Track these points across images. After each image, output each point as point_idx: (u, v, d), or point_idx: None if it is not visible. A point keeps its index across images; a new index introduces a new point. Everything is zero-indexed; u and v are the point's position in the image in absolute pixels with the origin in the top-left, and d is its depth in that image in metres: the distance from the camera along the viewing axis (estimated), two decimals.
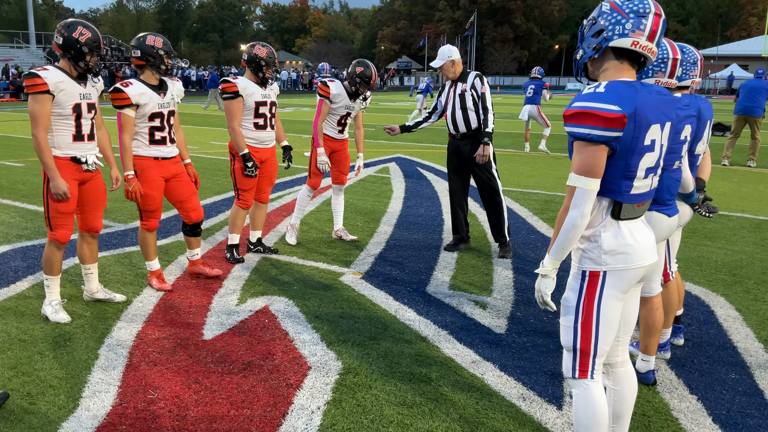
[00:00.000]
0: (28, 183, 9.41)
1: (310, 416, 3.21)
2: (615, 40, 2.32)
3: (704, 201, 3.70)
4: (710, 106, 3.58)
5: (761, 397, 3.46)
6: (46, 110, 4.04)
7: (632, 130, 2.25)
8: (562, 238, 2.33)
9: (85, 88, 4.23)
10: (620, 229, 2.38)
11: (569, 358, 2.48)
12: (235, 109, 5.42)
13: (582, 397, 2.46)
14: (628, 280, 2.40)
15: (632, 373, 2.68)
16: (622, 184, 2.33)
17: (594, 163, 2.26)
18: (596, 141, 2.25)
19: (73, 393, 3.40)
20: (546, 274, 2.40)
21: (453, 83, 6.02)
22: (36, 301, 4.70)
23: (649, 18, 2.28)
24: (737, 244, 6.52)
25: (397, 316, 4.53)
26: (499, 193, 6.03)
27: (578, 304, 2.43)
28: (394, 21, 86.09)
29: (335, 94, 6.12)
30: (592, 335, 2.41)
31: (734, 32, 76.12)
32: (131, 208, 7.79)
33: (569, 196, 2.31)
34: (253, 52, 5.47)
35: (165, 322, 4.37)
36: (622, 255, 2.37)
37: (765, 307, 4.77)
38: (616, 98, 2.23)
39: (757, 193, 9.45)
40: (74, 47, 4.12)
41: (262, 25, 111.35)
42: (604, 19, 2.35)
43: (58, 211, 4.22)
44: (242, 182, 5.60)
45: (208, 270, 5.25)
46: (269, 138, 5.68)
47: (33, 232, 6.60)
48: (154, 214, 4.86)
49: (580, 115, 2.26)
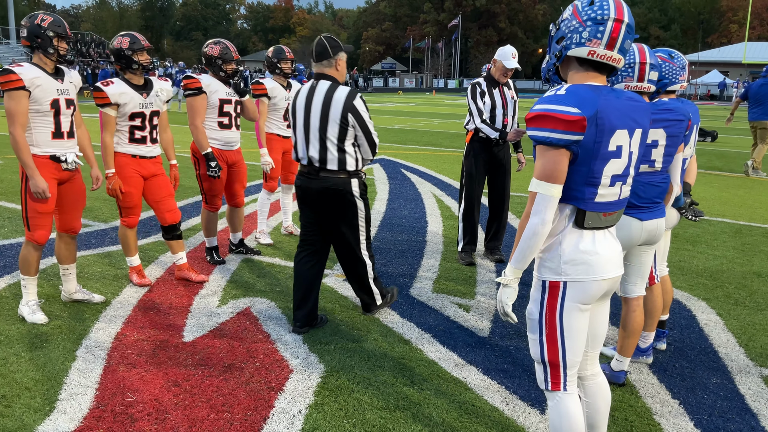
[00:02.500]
0: (6, 180, 9.26)
1: (291, 420, 3.17)
2: (572, 49, 2.27)
3: (691, 205, 3.72)
4: (696, 111, 3.62)
5: (742, 402, 3.48)
6: (22, 107, 3.97)
7: (594, 133, 2.19)
8: (524, 245, 2.26)
9: (62, 83, 4.16)
10: (582, 239, 2.30)
11: (540, 370, 2.44)
12: (198, 106, 5.29)
13: (555, 409, 2.42)
14: (590, 292, 2.32)
15: (604, 384, 2.60)
16: (585, 191, 2.26)
17: (555, 168, 2.21)
18: (556, 144, 2.20)
19: (50, 395, 3.34)
20: (507, 284, 2.32)
21: (500, 87, 5.73)
22: (12, 300, 4.61)
23: (607, 25, 2.21)
24: (718, 248, 6.58)
25: (380, 318, 4.50)
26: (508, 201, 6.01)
27: (541, 317, 2.36)
28: (379, 22, 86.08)
29: (271, 87, 6.04)
30: (558, 347, 2.36)
31: (715, 39, 77.07)
32: (111, 208, 7.69)
33: (530, 201, 2.26)
34: (207, 52, 5.36)
35: (144, 323, 4.31)
36: (583, 266, 2.29)
37: (745, 312, 4.81)
38: (576, 101, 2.18)
39: (738, 198, 9.55)
40: (38, 34, 4.05)
41: (246, 24, 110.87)
42: (565, 26, 2.30)
43: (37, 211, 4.14)
44: (209, 187, 5.48)
45: (193, 276, 5.17)
46: (235, 139, 5.55)
47: (10, 231, 6.49)
48: (133, 211, 4.83)
49: (540, 118, 2.22)
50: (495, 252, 6.02)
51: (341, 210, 4.17)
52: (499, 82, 5.72)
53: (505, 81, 5.75)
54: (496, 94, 5.70)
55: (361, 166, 4.21)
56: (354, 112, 4.02)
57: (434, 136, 17.48)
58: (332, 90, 4.03)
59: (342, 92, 4.02)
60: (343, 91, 4.02)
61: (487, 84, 5.72)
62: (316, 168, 4.13)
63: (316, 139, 4.08)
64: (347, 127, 4.04)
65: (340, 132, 4.04)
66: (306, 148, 4.14)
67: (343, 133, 4.05)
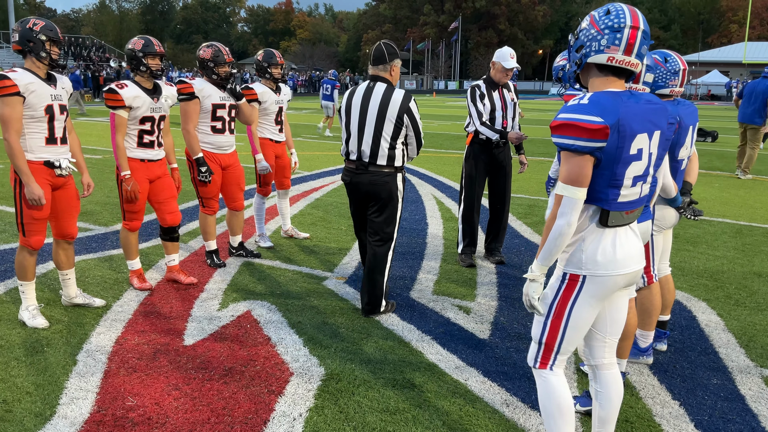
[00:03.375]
0: (7, 185, 9.27)
1: (291, 423, 3.17)
2: (592, 56, 2.41)
3: (690, 204, 3.72)
4: (694, 111, 3.62)
5: (743, 403, 3.48)
6: (17, 113, 3.96)
7: (616, 140, 2.32)
8: (550, 245, 2.39)
9: (55, 89, 4.16)
10: (604, 236, 2.44)
11: (534, 348, 2.61)
12: (190, 111, 5.27)
13: (543, 386, 2.58)
14: (607, 287, 2.46)
15: (618, 376, 2.71)
16: (609, 193, 2.40)
17: (580, 172, 2.34)
18: (580, 151, 2.33)
19: (50, 400, 3.34)
20: (534, 279, 2.47)
21: (499, 90, 5.77)
22: (12, 305, 4.62)
23: (624, 32, 2.34)
24: (718, 249, 6.57)
25: (380, 321, 4.50)
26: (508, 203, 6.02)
27: (553, 303, 2.52)
28: (379, 24, 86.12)
29: (261, 92, 6.02)
30: (559, 334, 2.52)
31: (715, 39, 77.04)
32: (111, 212, 7.70)
33: (556, 204, 2.38)
34: (200, 55, 5.34)
35: (145, 327, 4.31)
36: (604, 261, 2.43)
37: (746, 313, 4.80)
38: (599, 110, 2.31)
39: (738, 198, 9.54)
40: (31, 38, 4.05)
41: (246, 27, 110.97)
42: (584, 35, 2.45)
43: (33, 217, 4.14)
44: (204, 191, 5.46)
45: (183, 278, 5.18)
46: (228, 143, 5.52)
47: (10, 236, 6.50)
48: (137, 215, 4.84)
49: (564, 127, 2.35)
50: (495, 254, 6.02)
51: (385, 202, 4.49)
52: (499, 84, 5.73)
53: (506, 82, 5.76)
54: (495, 96, 5.71)
55: (405, 163, 4.56)
56: (409, 114, 4.40)
57: (434, 138, 17.48)
58: (390, 92, 4.39)
59: (399, 94, 4.39)
60: (400, 93, 4.40)
61: (486, 86, 5.73)
62: (365, 163, 4.45)
63: (370, 135, 4.40)
64: (402, 126, 4.40)
65: (395, 131, 4.39)
66: (358, 143, 4.46)
67: (396, 132, 4.40)
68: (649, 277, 3.69)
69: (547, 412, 2.58)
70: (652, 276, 3.70)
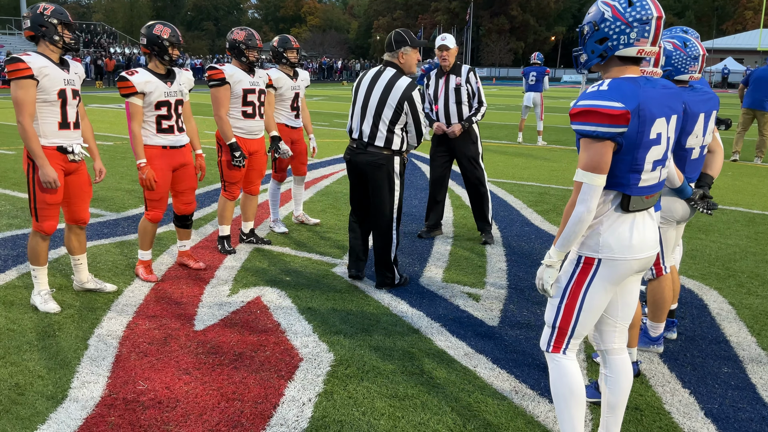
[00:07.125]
0: (19, 171, 9.32)
1: (301, 408, 3.18)
2: (621, 50, 2.38)
3: (703, 197, 3.52)
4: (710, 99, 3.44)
5: (753, 391, 3.46)
6: (30, 96, 3.97)
7: (636, 125, 2.32)
8: (568, 231, 2.40)
9: (68, 74, 4.17)
10: (623, 221, 2.44)
11: (547, 333, 2.61)
12: (222, 97, 5.32)
13: (555, 369, 2.58)
14: (621, 271, 2.47)
15: (628, 362, 2.71)
16: (630, 178, 2.40)
17: (600, 159, 2.33)
18: (602, 137, 2.32)
19: (62, 383, 3.37)
20: (551, 265, 2.48)
21: (445, 75, 6.01)
22: (25, 290, 4.65)
23: (652, 24, 2.34)
24: (731, 237, 6.52)
25: (389, 308, 4.51)
26: (485, 183, 6.14)
27: (567, 286, 2.52)
28: (390, 11, 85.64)
29: (276, 78, 6.03)
30: (573, 317, 2.52)
31: (730, 26, 76.13)
32: (124, 198, 7.74)
33: (576, 191, 2.38)
34: (232, 37, 5.38)
35: (156, 312, 4.34)
36: (620, 246, 2.43)
37: (758, 301, 4.77)
38: (619, 95, 2.30)
39: (751, 186, 9.46)
40: (43, 22, 4.06)
41: (257, 13, 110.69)
42: (608, 27, 2.39)
43: (46, 202, 4.15)
44: (229, 175, 5.49)
45: (192, 263, 5.21)
46: (258, 128, 5.58)
47: (24, 221, 6.54)
48: (159, 204, 4.79)
49: (585, 113, 2.34)
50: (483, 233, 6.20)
51: (381, 182, 4.66)
52: (444, 71, 6.05)
53: (446, 68, 6.00)
54: (440, 82, 6.05)
55: (404, 148, 4.72)
56: (410, 102, 4.55)
57: None
58: (395, 78, 4.56)
59: (404, 82, 4.54)
60: (405, 81, 4.55)
61: (436, 73, 6.13)
62: (365, 143, 4.65)
63: (371, 117, 4.61)
64: (401, 113, 4.56)
65: (394, 116, 4.56)
66: (360, 123, 4.68)
67: (395, 117, 4.57)
68: (658, 270, 3.65)
69: (558, 396, 2.58)
70: (661, 269, 3.65)
